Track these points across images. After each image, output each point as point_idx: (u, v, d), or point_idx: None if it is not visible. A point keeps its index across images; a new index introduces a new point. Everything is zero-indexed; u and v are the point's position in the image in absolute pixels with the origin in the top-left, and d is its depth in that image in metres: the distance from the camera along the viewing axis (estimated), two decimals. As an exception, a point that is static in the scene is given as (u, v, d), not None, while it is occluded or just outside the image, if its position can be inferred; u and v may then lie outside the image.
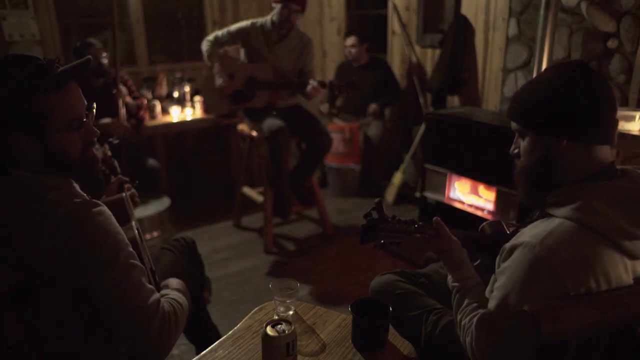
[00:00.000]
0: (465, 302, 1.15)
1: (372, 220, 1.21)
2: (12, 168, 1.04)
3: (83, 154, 1.09)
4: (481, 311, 1.09)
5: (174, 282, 1.41)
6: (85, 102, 1.08)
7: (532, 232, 1.05)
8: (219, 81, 3.03)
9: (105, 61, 3.14)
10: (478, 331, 1.07)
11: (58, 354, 1.16)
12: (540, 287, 0.98)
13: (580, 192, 1.03)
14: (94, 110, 1.11)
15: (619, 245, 0.99)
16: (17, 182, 1.03)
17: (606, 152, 1.08)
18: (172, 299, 1.22)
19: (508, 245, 1.08)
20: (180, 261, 1.64)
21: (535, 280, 0.99)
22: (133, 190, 1.53)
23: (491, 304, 1.06)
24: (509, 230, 1.32)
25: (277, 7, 2.92)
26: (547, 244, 0.99)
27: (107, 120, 3.12)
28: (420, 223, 1.26)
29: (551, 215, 1.07)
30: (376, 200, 1.24)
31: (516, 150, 1.16)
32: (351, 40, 4.04)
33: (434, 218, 1.29)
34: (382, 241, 1.24)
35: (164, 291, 1.30)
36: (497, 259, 1.12)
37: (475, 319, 1.09)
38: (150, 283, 1.13)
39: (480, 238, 1.36)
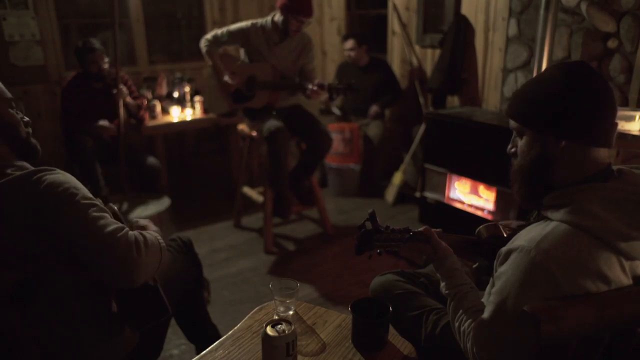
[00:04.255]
0: (462, 308, 1.15)
1: (366, 231, 1.23)
2: None
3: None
4: (479, 316, 1.09)
5: (150, 226, 1.44)
6: None
7: (527, 236, 1.04)
8: (225, 76, 2.99)
9: (106, 66, 3.15)
10: (478, 336, 1.07)
11: (58, 353, 1.16)
12: (537, 291, 0.98)
13: (576, 195, 1.03)
14: None
15: (615, 247, 0.98)
16: None
17: (604, 155, 1.07)
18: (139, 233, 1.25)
19: (504, 249, 1.08)
20: (177, 261, 1.64)
21: (532, 285, 0.99)
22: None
23: (489, 309, 1.06)
24: (505, 234, 1.32)
25: (285, 16, 2.85)
26: (543, 248, 0.98)
27: (104, 122, 3.16)
28: (414, 231, 1.28)
29: (547, 218, 1.06)
30: (370, 210, 1.26)
31: (513, 149, 1.15)
32: (349, 43, 4.03)
33: (424, 228, 1.30)
34: (378, 251, 1.26)
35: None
36: (494, 263, 1.11)
37: (474, 324, 1.09)
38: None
39: (477, 241, 1.37)
